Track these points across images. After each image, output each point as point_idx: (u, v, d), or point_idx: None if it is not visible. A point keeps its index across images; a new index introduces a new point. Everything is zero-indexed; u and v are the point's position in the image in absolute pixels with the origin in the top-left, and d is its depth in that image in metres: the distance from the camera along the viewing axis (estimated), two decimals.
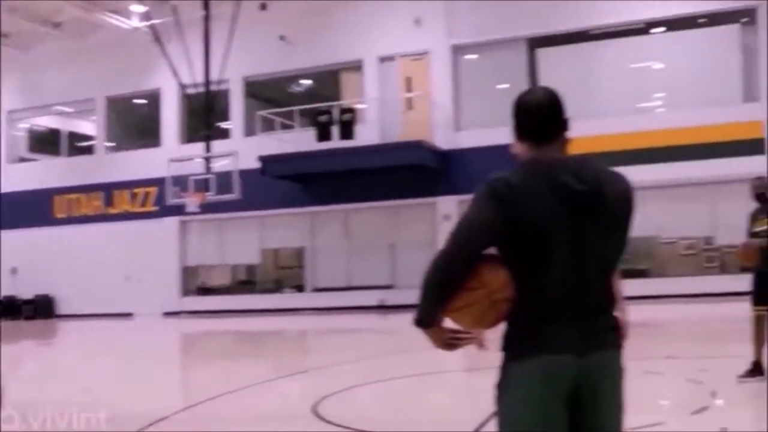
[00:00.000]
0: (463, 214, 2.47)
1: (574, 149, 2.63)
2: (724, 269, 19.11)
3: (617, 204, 2.50)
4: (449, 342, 2.54)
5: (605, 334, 2.50)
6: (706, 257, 19.97)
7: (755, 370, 7.73)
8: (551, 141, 2.55)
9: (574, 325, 2.43)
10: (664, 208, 19.77)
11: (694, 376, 8.14)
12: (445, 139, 22.10)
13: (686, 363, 9.30)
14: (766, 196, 7.85)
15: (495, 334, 2.58)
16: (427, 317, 2.47)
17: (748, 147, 19.23)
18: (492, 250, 2.50)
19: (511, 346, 2.49)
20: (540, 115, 2.56)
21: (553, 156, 2.52)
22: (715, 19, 20.88)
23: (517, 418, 2.43)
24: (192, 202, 19.01)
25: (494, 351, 3.61)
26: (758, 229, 7.70)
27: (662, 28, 21.44)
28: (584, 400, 2.44)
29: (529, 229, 2.41)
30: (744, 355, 7.82)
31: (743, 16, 20.59)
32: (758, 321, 7.77)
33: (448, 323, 2.53)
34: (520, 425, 2.42)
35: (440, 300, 2.45)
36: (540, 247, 2.42)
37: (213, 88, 20.44)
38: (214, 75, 20.30)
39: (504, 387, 2.48)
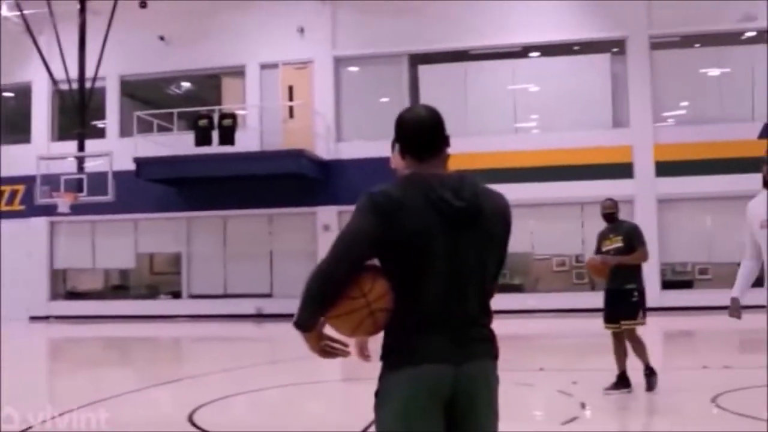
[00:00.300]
0: (345, 225, 2.55)
1: (451, 166, 2.73)
2: (593, 286, 19.95)
3: (494, 220, 2.62)
4: (325, 349, 2.61)
5: (480, 345, 2.59)
6: (577, 274, 20.77)
7: (620, 382, 8.13)
8: (432, 157, 2.66)
9: (449, 336, 2.52)
10: (538, 225, 20.54)
11: (564, 388, 8.46)
12: (326, 150, 22.12)
13: (557, 375, 9.66)
14: (615, 216, 8.33)
15: (377, 345, 2.64)
16: (305, 322, 2.55)
17: (618, 170, 20.22)
18: (374, 261, 2.57)
19: (389, 356, 2.57)
20: (422, 132, 2.67)
21: (434, 172, 2.62)
22: (587, 47, 21.84)
23: (394, 426, 2.50)
24: (63, 202, 18.20)
25: (373, 361, 3.69)
26: (607, 248, 8.14)
27: (538, 53, 22.27)
28: (460, 408, 2.53)
29: (407, 242, 2.50)
30: (611, 368, 8.20)
31: (614, 46, 21.63)
32: (616, 336, 8.20)
33: (327, 330, 2.60)
34: None
35: (320, 307, 2.52)
36: (418, 259, 2.51)
37: (87, 85, 19.68)
38: (89, 71, 19.57)
39: (382, 396, 2.56)
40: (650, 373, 8.00)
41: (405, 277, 2.53)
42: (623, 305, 8.02)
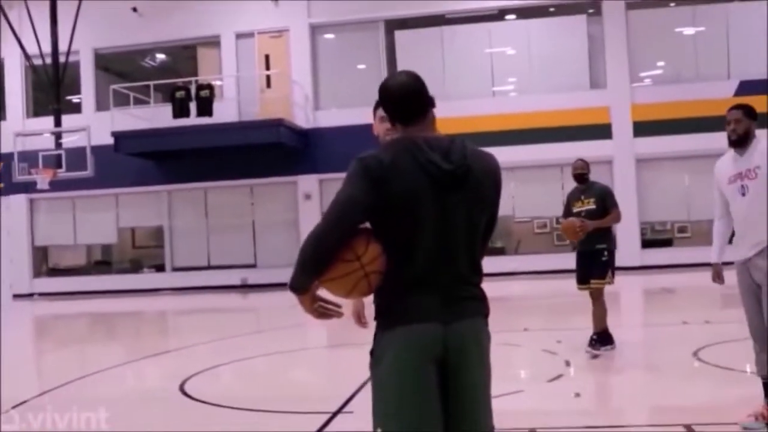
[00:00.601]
0: (338, 191, 2.60)
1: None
2: (574, 247, 20.08)
3: (485, 182, 2.69)
4: (319, 310, 2.68)
5: (470, 303, 2.68)
6: (557, 235, 20.91)
7: (603, 340, 8.26)
8: (419, 121, 2.73)
9: (439, 296, 2.61)
10: (518, 188, 20.63)
11: (549, 347, 8.64)
12: (304, 118, 22.05)
13: (542, 335, 9.83)
14: (586, 177, 8.34)
15: (371, 310, 2.72)
16: (300, 285, 2.62)
17: (596, 131, 20.34)
18: (367, 225, 2.64)
19: (382, 316, 2.67)
20: (406, 98, 2.74)
21: (423, 135, 2.68)
22: (563, 8, 21.81)
23: (389, 383, 2.60)
24: (42, 179, 18.02)
25: (361, 328, 3.75)
26: (578, 209, 8.18)
27: (514, 16, 22.22)
28: (452, 365, 2.61)
29: (398, 205, 2.57)
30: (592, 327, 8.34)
31: (589, 7, 21.62)
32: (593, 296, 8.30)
33: (321, 292, 2.68)
34: (392, 390, 2.59)
35: (314, 270, 2.59)
36: (408, 222, 2.59)
37: (61, 59, 19.43)
38: (62, 46, 19.32)
39: (378, 354, 2.65)
40: (598, 340, 8.07)
41: (396, 239, 2.60)
42: (594, 265, 8.08)
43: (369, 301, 2.82)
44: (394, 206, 2.56)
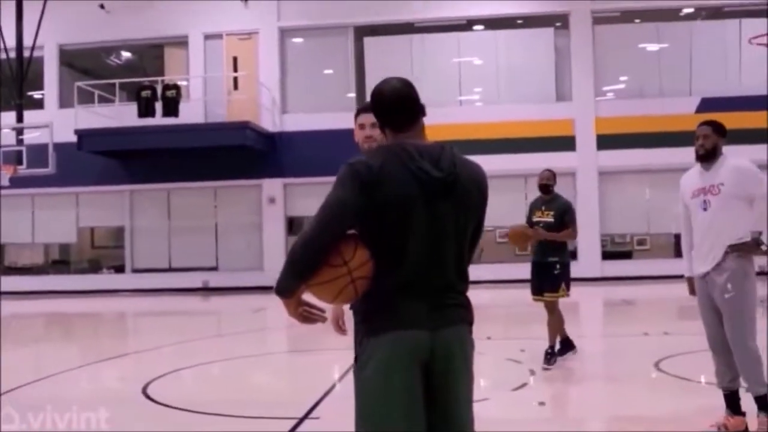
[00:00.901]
0: (327, 196, 2.61)
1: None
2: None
3: (471, 191, 2.73)
4: (303, 314, 2.67)
5: (456, 310, 2.70)
6: None
7: (564, 347, 8.37)
8: (410, 128, 2.75)
9: (426, 302, 2.62)
10: None
11: (513, 356, 8.73)
12: (271, 122, 21.96)
13: (506, 344, 9.89)
14: (550, 189, 8.36)
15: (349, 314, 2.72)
16: (287, 288, 2.60)
17: (561, 143, 20.55)
18: (354, 230, 2.64)
19: (368, 321, 2.66)
20: (399, 104, 2.76)
21: (413, 142, 2.70)
22: (531, 21, 22.06)
23: (375, 387, 2.60)
24: (1, 175, 17.74)
25: (334, 333, 3.76)
26: (537, 219, 8.26)
27: (482, 26, 22.40)
28: (437, 371, 2.63)
29: (388, 211, 2.58)
30: None
31: (557, 21, 21.89)
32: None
33: (307, 297, 2.67)
34: (378, 393, 2.59)
35: (302, 275, 2.58)
36: (398, 228, 2.60)
37: (25, 54, 19.15)
38: (27, 41, 19.05)
39: (364, 359, 2.65)
40: (552, 353, 8.12)
41: (385, 245, 2.60)
42: (546, 278, 8.13)
43: (346, 308, 2.81)
44: (383, 212, 2.57)
